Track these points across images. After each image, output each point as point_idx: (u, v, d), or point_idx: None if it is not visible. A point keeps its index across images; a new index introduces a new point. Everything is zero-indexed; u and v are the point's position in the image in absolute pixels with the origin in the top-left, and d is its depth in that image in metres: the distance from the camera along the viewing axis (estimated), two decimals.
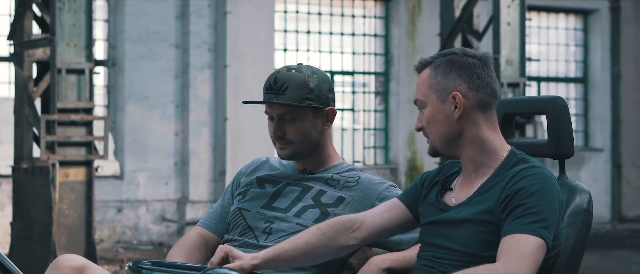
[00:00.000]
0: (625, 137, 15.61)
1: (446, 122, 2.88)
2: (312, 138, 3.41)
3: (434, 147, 2.94)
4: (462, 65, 2.88)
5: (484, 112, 2.88)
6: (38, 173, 7.79)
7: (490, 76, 2.89)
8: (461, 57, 2.89)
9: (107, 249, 11.46)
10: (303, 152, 3.43)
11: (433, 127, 2.91)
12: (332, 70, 13.73)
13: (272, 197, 3.44)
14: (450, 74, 2.88)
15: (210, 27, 12.62)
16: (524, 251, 2.65)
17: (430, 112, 2.90)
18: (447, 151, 2.93)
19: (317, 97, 3.39)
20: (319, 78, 3.41)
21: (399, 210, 3.06)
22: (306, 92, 3.37)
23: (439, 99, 2.88)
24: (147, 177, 12.40)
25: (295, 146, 3.40)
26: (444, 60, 2.90)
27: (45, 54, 8.16)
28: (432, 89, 2.89)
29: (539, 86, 15.40)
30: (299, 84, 3.36)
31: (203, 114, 12.59)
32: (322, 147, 3.47)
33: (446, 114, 2.87)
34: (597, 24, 15.59)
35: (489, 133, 2.89)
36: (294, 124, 3.38)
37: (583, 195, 2.96)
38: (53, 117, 7.67)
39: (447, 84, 2.87)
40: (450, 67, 2.88)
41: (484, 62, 2.90)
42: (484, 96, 2.87)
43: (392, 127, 14.12)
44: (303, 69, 3.40)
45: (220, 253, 2.95)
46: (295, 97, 3.36)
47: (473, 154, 2.90)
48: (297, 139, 3.39)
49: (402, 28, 14.01)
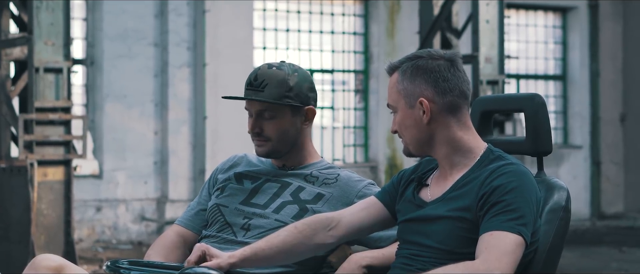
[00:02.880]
0: (605, 134, 15.67)
1: (416, 127, 2.90)
2: (289, 136, 3.41)
3: (407, 149, 2.98)
4: (427, 69, 2.87)
5: (454, 114, 2.88)
6: (16, 173, 7.74)
7: (458, 77, 2.88)
8: (427, 61, 2.88)
9: (86, 249, 11.42)
10: (280, 150, 3.42)
11: (405, 131, 2.93)
12: (311, 68, 13.71)
13: (250, 193, 3.43)
14: (415, 79, 2.88)
15: (189, 25, 12.58)
16: (504, 249, 2.66)
17: (400, 117, 2.93)
18: (421, 153, 2.96)
19: (297, 96, 3.38)
20: (300, 77, 3.40)
21: (376, 208, 3.07)
22: (285, 90, 3.36)
23: (407, 105, 2.90)
24: (126, 176, 12.36)
25: (273, 143, 3.39)
26: (410, 65, 2.90)
27: (22, 53, 8.12)
28: (400, 94, 2.91)
29: (518, 83, 15.44)
30: (278, 81, 3.36)
31: (182, 112, 12.56)
32: (301, 145, 3.46)
33: (415, 119, 2.89)
34: (575, 22, 15.64)
35: (461, 134, 2.90)
36: (272, 121, 3.38)
37: (561, 192, 2.97)
38: (31, 117, 7.63)
39: (413, 89, 2.88)
40: (415, 72, 2.88)
41: (451, 63, 2.89)
42: (452, 98, 2.87)
43: (371, 125, 14.12)
44: (284, 67, 3.39)
45: (197, 251, 2.95)
46: (273, 94, 3.35)
47: (447, 154, 2.92)
48: (274, 136, 3.39)
49: (382, 26, 14.02)
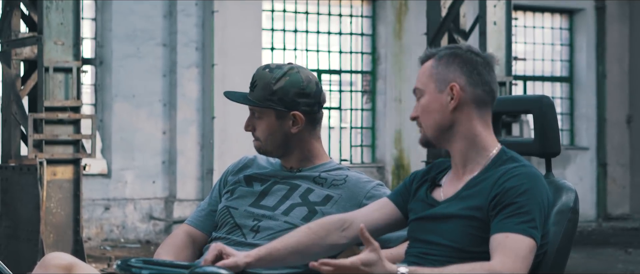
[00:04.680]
0: (611, 136, 15.67)
1: (440, 112, 2.90)
2: (276, 139, 3.42)
3: (425, 136, 2.96)
4: (465, 59, 2.91)
5: (479, 109, 2.90)
6: (25, 171, 7.76)
7: (491, 76, 2.93)
8: (465, 52, 2.93)
9: (94, 248, 11.45)
10: (269, 150, 3.45)
11: (427, 115, 2.93)
12: (319, 69, 13.73)
13: (260, 195, 3.44)
14: (451, 65, 2.91)
15: (197, 25, 12.61)
16: (520, 253, 2.68)
17: (427, 100, 2.93)
18: (438, 141, 2.95)
19: (280, 100, 3.37)
20: (288, 81, 3.38)
21: (388, 209, 3.08)
22: (268, 94, 3.37)
23: (436, 88, 2.91)
24: (134, 176, 12.39)
25: (261, 142, 3.43)
26: (448, 52, 2.94)
27: (32, 53, 8.14)
28: (432, 78, 2.92)
29: (525, 85, 15.45)
30: (264, 84, 3.38)
31: (190, 112, 12.59)
32: (304, 147, 3.46)
33: (442, 103, 2.90)
34: (582, 23, 15.64)
35: (481, 129, 2.91)
36: (260, 121, 3.42)
37: (569, 194, 2.98)
38: (40, 116, 7.65)
39: (447, 74, 2.90)
40: (452, 59, 2.91)
41: (487, 62, 2.94)
42: (482, 92, 2.90)
43: (379, 126, 14.14)
44: (276, 71, 3.39)
45: (214, 250, 2.97)
46: (258, 96, 3.39)
47: (463, 148, 2.92)
48: (262, 136, 3.42)
49: (389, 27, 14.03)
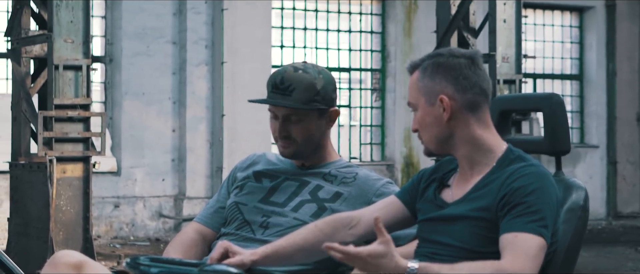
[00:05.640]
0: (621, 134, 15.63)
1: (436, 125, 2.89)
2: (314, 138, 3.43)
3: (428, 148, 2.96)
4: (448, 67, 2.87)
5: (474, 112, 2.88)
6: (35, 169, 7.78)
7: (479, 75, 2.89)
8: (447, 59, 2.89)
9: (104, 245, 11.47)
10: (305, 152, 3.44)
11: (425, 129, 2.92)
12: (328, 67, 13.72)
13: (269, 191, 3.44)
14: (436, 76, 2.88)
15: (207, 23, 12.62)
16: (530, 252, 2.67)
17: (421, 115, 2.92)
18: (441, 151, 2.95)
19: (324, 99, 3.40)
20: (325, 79, 3.41)
21: (396, 207, 3.08)
22: (314, 94, 3.37)
23: (427, 102, 2.89)
24: (144, 174, 12.40)
25: (298, 145, 3.41)
26: (431, 62, 2.90)
27: (42, 51, 8.16)
28: (420, 92, 2.90)
29: (534, 82, 15.41)
30: (306, 85, 3.37)
31: (200, 110, 12.59)
32: (321, 145, 3.48)
33: (435, 116, 2.88)
34: (592, 21, 15.60)
35: (481, 132, 2.90)
36: (298, 124, 3.39)
37: (579, 192, 2.98)
38: (50, 114, 7.67)
39: (433, 87, 2.88)
40: (436, 69, 2.88)
41: (472, 61, 2.89)
42: (472, 96, 2.87)
43: (388, 124, 14.12)
44: (310, 70, 3.40)
45: (220, 248, 2.97)
46: (302, 99, 3.36)
47: (468, 153, 2.91)
48: (300, 139, 3.40)
49: (399, 25, 14.02)
